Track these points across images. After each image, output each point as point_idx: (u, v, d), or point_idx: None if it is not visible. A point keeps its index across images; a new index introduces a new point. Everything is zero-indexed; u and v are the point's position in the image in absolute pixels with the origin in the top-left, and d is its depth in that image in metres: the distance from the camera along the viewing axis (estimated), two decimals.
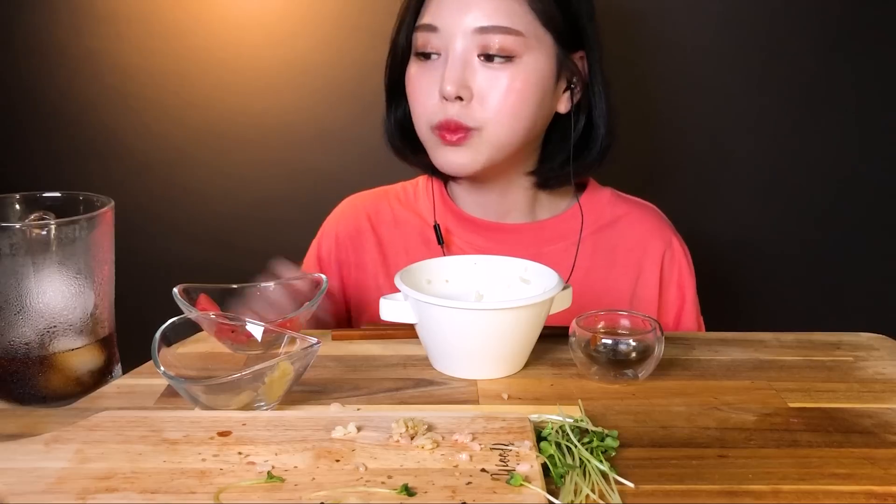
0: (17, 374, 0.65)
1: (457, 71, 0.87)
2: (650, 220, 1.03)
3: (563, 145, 0.96)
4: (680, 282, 1.01)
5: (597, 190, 1.04)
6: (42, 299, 0.64)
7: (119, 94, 1.36)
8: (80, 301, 0.67)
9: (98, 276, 0.68)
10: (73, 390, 0.68)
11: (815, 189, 1.43)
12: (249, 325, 0.72)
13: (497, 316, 0.69)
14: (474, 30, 0.87)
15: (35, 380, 0.65)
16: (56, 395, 0.66)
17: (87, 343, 0.68)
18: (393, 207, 1.04)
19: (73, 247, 0.66)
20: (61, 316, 0.66)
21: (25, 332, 0.65)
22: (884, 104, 1.39)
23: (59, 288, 0.65)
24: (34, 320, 0.64)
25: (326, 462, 0.54)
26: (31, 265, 0.64)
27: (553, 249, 0.98)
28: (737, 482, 0.55)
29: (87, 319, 0.67)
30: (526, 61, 0.88)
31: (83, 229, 0.66)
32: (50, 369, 0.66)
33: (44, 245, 0.64)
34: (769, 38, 1.36)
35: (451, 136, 0.89)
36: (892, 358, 0.78)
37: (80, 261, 0.66)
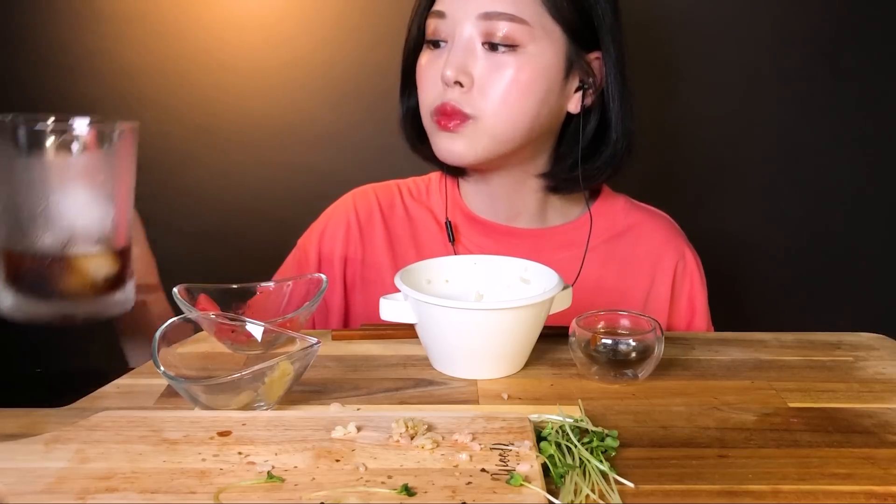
0: (37, 272, 0.66)
1: (458, 56, 0.87)
2: (664, 231, 1.02)
3: (574, 148, 0.94)
4: (691, 293, 1.00)
5: (611, 197, 1.03)
6: (65, 202, 0.66)
7: (119, 94, 1.36)
8: (101, 209, 0.68)
9: (118, 188, 0.69)
10: (87, 294, 0.68)
11: (815, 189, 1.43)
12: (249, 325, 0.72)
13: (497, 316, 0.69)
14: (479, 15, 0.86)
15: (53, 279, 0.66)
16: (71, 295, 0.67)
17: (103, 251, 0.68)
18: (405, 201, 1.03)
19: (96, 155, 0.67)
20: (81, 221, 0.67)
21: (47, 233, 0.66)
22: (885, 105, 1.40)
23: (82, 193, 0.66)
24: (56, 222, 0.66)
25: (326, 462, 0.54)
26: (56, 168, 0.65)
27: (563, 257, 0.97)
28: (737, 482, 0.55)
29: (106, 228, 0.68)
30: (531, 52, 0.87)
31: (107, 140, 0.67)
32: (67, 270, 0.67)
33: (69, 149, 0.65)
34: (775, 42, 1.36)
35: (447, 121, 0.88)
36: (892, 358, 0.78)
37: (103, 170, 0.67)
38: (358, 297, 1.00)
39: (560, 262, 0.95)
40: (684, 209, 1.10)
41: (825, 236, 1.45)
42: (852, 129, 1.40)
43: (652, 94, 1.36)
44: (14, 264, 0.66)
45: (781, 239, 1.45)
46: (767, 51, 1.37)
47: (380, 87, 1.36)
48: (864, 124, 1.40)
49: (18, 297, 0.67)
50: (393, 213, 1.02)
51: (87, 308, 0.68)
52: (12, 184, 0.65)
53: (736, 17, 1.35)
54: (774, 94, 1.39)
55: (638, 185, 1.09)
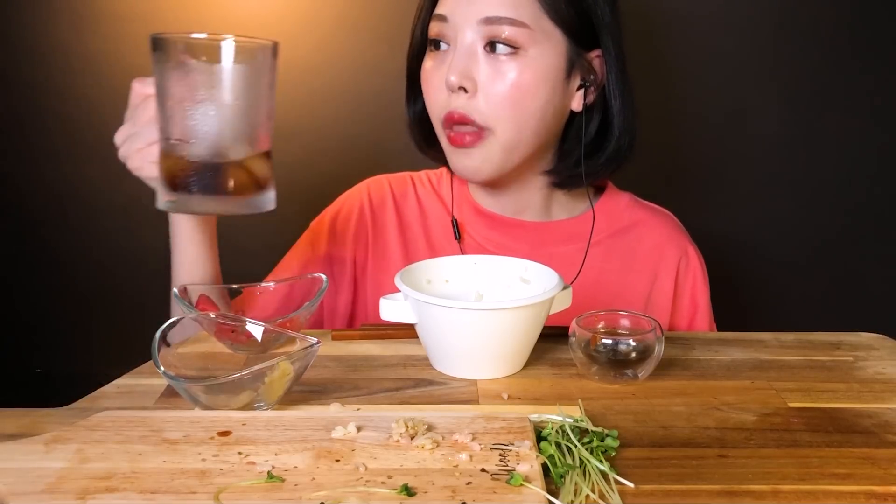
0: (195, 172, 0.70)
1: (461, 61, 0.87)
2: (667, 228, 1.03)
3: (577, 145, 0.95)
4: (694, 290, 1.01)
5: (615, 194, 1.04)
6: (221, 108, 0.70)
7: (119, 94, 1.35)
8: (251, 115, 0.72)
9: (265, 97, 0.73)
10: (242, 191, 0.72)
11: (815, 189, 1.43)
12: (249, 325, 0.72)
13: (497, 316, 0.69)
14: (480, 20, 0.87)
15: (210, 178, 0.71)
16: (228, 192, 0.71)
17: (254, 154, 0.73)
18: (418, 192, 1.05)
19: (249, 67, 0.70)
20: (235, 125, 0.71)
21: (205, 136, 0.70)
22: (886, 105, 1.40)
23: (236, 101, 0.70)
24: (212, 126, 0.70)
25: (326, 462, 0.54)
26: (214, 78, 0.69)
27: (566, 250, 0.99)
28: (737, 482, 0.55)
29: (255, 133, 0.72)
30: (532, 55, 0.87)
31: (256, 54, 0.71)
32: (223, 170, 0.71)
33: (226, 61, 0.69)
34: (779, 41, 1.36)
35: (461, 138, 0.89)
36: (892, 358, 0.78)
37: (253, 81, 0.71)
38: (369, 283, 1.01)
39: (564, 255, 0.98)
40: (685, 209, 1.10)
41: (825, 236, 1.45)
42: (853, 129, 1.40)
43: (653, 94, 1.36)
44: (175, 165, 0.71)
45: (782, 239, 1.45)
46: (769, 50, 1.37)
47: (380, 86, 1.36)
48: (866, 124, 1.40)
49: (178, 195, 0.71)
50: (406, 203, 1.04)
51: (241, 204, 0.73)
52: (174, 92, 0.69)
53: (737, 16, 1.35)
54: (775, 93, 1.39)
55: (639, 185, 1.09)
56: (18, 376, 1.44)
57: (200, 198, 0.71)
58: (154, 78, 0.71)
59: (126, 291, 1.43)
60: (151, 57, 0.71)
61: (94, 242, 1.42)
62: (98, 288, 1.44)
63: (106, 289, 1.44)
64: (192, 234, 0.87)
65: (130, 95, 0.79)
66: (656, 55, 1.36)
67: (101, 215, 1.41)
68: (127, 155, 0.80)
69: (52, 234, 1.42)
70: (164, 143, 0.71)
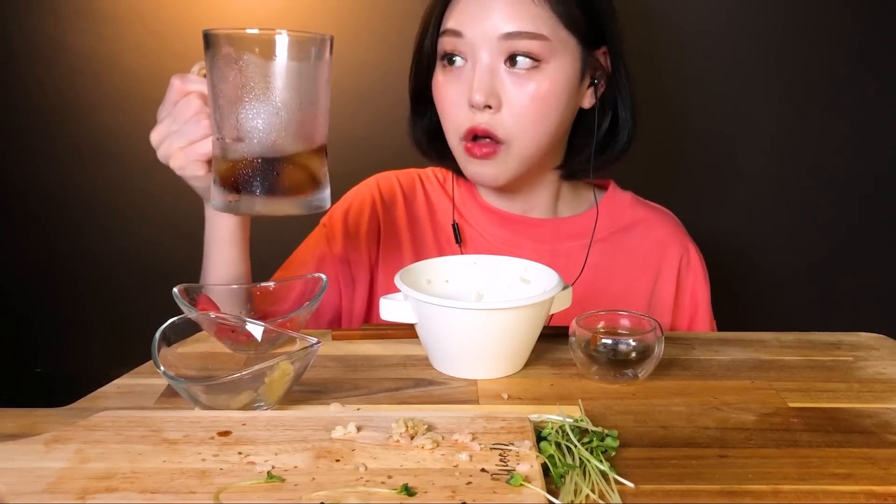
0: (253, 171, 0.70)
1: (485, 80, 0.87)
2: (668, 226, 1.04)
3: (588, 139, 0.97)
4: (695, 289, 1.02)
5: (618, 193, 1.06)
6: (278, 106, 0.69)
7: (119, 94, 1.36)
8: (309, 113, 0.72)
9: (322, 94, 0.73)
10: (312, 186, 0.73)
11: (815, 189, 1.43)
12: (249, 325, 0.72)
13: (497, 316, 0.69)
14: (500, 36, 0.87)
15: (267, 178, 0.70)
16: (303, 189, 0.72)
17: (311, 152, 0.72)
18: (426, 187, 1.05)
19: (321, 58, 0.71)
20: (293, 123, 0.70)
21: (262, 134, 0.69)
22: (885, 107, 1.39)
23: (296, 97, 0.70)
24: (269, 124, 0.69)
25: (326, 462, 0.54)
26: (298, 70, 0.69)
27: (571, 247, 1.00)
28: (737, 482, 0.55)
29: (313, 131, 0.72)
30: (552, 66, 0.88)
31: (313, 49, 0.71)
32: (280, 169, 0.70)
33: (284, 57, 0.69)
34: (780, 42, 1.36)
35: (479, 148, 0.90)
36: (892, 358, 0.78)
37: (311, 78, 0.71)
38: (380, 280, 1.02)
39: (568, 252, 0.99)
40: (686, 209, 1.10)
41: (825, 236, 1.45)
42: (853, 129, 1.40)
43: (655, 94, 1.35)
44: (235, 165, 0.70)
45: (782, 239, 1.45)
46: (772, 51, 1.36)
47: (379, 86, 1.36)
48: (867, 125, 1.40)
49: (239, 196, 0.70)
50: (414, 198, 1.05)
51: (301, 204, 0.72)
52: (234, 90, 0.68)
53: (742, 16, 1.35)
54: (776, 93, 1.39)
55: (641, 185, 1.10)
56: (18, 376, 1.44)
57: (263, 199, 0.70)
58: (208, 75, 0.70)
59: (126, 291, 1.43)
60: (206, 54, 0.70)
61: (94, 242, 1.42)
62: (98, 288, 1.44)
63: (106, 289, 1.44)
64: (232, 235, 0.86)
65: (169, 92, 0.77)
66: (659, 56, 1.36)
67: (101, 215, 1.41)
68: (169, 154, 0.77)
69: (52, 234, 1.42)
70: (222, 143, 0.70)
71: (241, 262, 0.87)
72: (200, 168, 0.76)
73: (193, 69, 0.78)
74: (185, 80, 0.76)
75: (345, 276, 1.00)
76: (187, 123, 0.75)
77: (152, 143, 0.78)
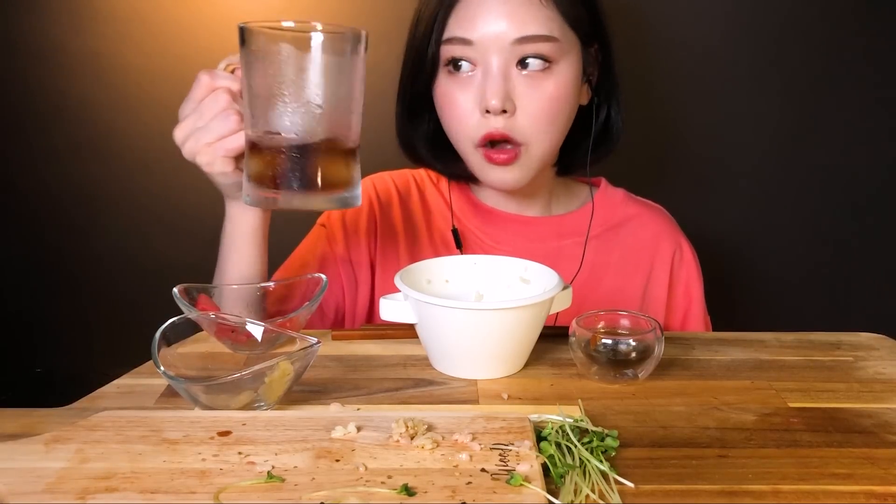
0: (288, 166, 0.70)
1: (499, 85, 0.87)
2: (661, 222, 1.05)
3: (583, 134, 0.98)
4: (688, 284, 1.02)
5: (610, 190, 1.06)
6: (315, 101, 0.69)
7: (119, 94, 1.36)
8: (345, 109, 0.71)
9: (357, 90, 0.72)
10: (347, 182, 0.73)
11: (815, 188, 1.43)
12: (249, 325, 0.72)
13: (497, 316, 0.69)
14: (513, 41, 0.87)
15: (300, 173, 0.70)
16: (339, 185, 0.72)
17: (344, 148, 0.72)
18: (421, 188, 1.06)
19: (357, 53, 0.71)
20: (351, 115, 0.71)
21: (297, 129, 0.69)
22: (884, 107, 1.39)
23: (353, 88, 0.71)
24: (339, 115, 0.71)
25: (326, 462, 0.54)
26: (336, 64, 0.70)
27: (567, 244, 1.00)
28: (737, 482, 0.55)
29: (348, 127, 0.72)
30: (562, 66, 0.89)
31: (351, 44, 0.71)
32: (315, 165, 0.71)
33: (347, 46, 0.70)
34: (773, 40, 1.36)
35: (499, 154, 0.90)
36: (892, 358, 0.78)
37: (348, 73, 0.71)
38: (377, 276, 1.02)
39: (562, 249, 1.00)
40: (685, 209, 1.10)
41: (825, 236, 1.45)
42: (854, 128, 1.40)
43: (650, 91, 1.36)
44: (272, 160, 0.69)
45: (782, 239, 1.45)
46: (767, 47, 1.36)
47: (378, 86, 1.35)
48: (867, 122, 1.40)
49: (274, 191, 0.70)
50: (410, 199, 1.05)
51: (336, 199, 0.72)
52: (271, 85, 0.68)
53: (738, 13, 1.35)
54: (774, 91, 1.38)
55: (637, 184, 1.10)
56: (18, 376, 1.44)
57: (301, 193, 0.70)
58: (243, 70, 0.69)
59: (126, 291, 1.43)
60: (241, 49, 0.69)
61: (94, 242, 1.42)
62: (98, 288, 1.44)
63: (106, 289, 1.44)
64: (255, 233, 0.85)
65: (195, 88, 0.76)
66: (654, 53, 1.36)
67: (100, 215, 1.41)
68: (196, 150, 0.76)
69: (52, 234, 1.42)
70: (259, 137, 0.69)
71: (261, 260, 0.87)
72: (228, 164, 0.75)
73: (220, 65, 0.77)
74: (214, 76, 0.75)
75: (347, 275, 1.00)
76: (215, 119, 0.74)
77: (176, 139, 0.77)
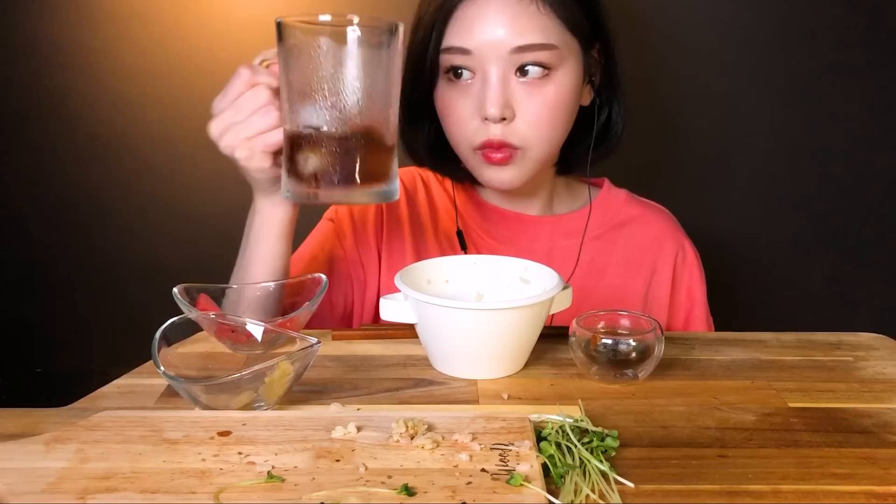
0: (329, 160, 0.70)
1: (498, 93, 0.87)
2: (663, 223, 1.05)
3: (584, 134, 0.98)
4: (691, 285, 1.02)
5: (612, 190, 1.06)
6: (387, 89, 0.71)
7: (119, 94, 1.36)
8: (384, 103, 0.72)
9: (395, 84, 0.72)
10: (387, 176, 0.73)
11: (816, 188, 1.43)
12: (249, 325, 0.72)
13: (497, 316, 0.69)
14: (511, 50, 0.87)
15: (369, 164, 0.71)
16: (379, 178, 0.72)
17: (383, 142, 0.73)
18: (428, 188, 1.06)
19: (396, 46, 0.71)
20: (389, 109, 0.72)
21: (368, 121, 0.70)
22: (884, 106, 1.39)
23: (391, 81, 0.71)
24: (379, 109, 0.71)
25: (326, 462, 0.54)
26: (375, 57, 0.70)
27: (567, 244, 1.00)
28: (737, 482, 0.55)
29: (386, 121, 0.72)
30: (561, 72, 0.89)
31: (390, 37, 0.71)
32: (379, 157, 0.72)
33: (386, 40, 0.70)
34: (775, 40, 1.36)
35: (496, 154, 0.90)
36: (892, 358, 0.78)
37: (397, 63, 0.72)
38: (383, 274, 1.02)
39: (563, 249, 1.00)
40: (684, 209, 1.10)
41: (826, 236, 1.45)
42: (853, 128, 1.40)
43: (651, 91, 1.36)
44: (313, 155, 0.70)
45: (782, 239, 1.45)
46: (768, 47, 1.36)
47: None
48: (865, 123, 1.40)
49: (312, 185, 0.70)
50: (416, 195, 1.05)
51: (377, 194, 0.73)
52: (312, 79, 0.68)
53: (737, 13, 1.35)
54: (775, 92, 1.38)
55: (638, 184, 1.10)
56: (18, 376, 1.44)
57: (342, 188, 0.70)
58: (282, 66, 0.69)
59: (126, 291, 1.43)
60: (279, 45, 0.69)
61: (94, 242, 1.42)
62: (98, 288, 1.44)
63: (106, 289, 1.44)
64: (284, 228, 0.85)
65: (233, 82, 0.75)
66: (656, 53, 1.36)
67: (100, 215, 1.41)
68: (235, 145, 0.76)
69: (52, 234, 1.42)
70: (297, 133, 0.70)
71: (287, 255, 0.87)
72: (267, 160, 0.75)
73: (255, 60, 0.77)
74: (255, 71, 0.75)
75: (356, 271, 1.00)
76: (255, 114, 0.74)
77: (212, 134, 0.77)
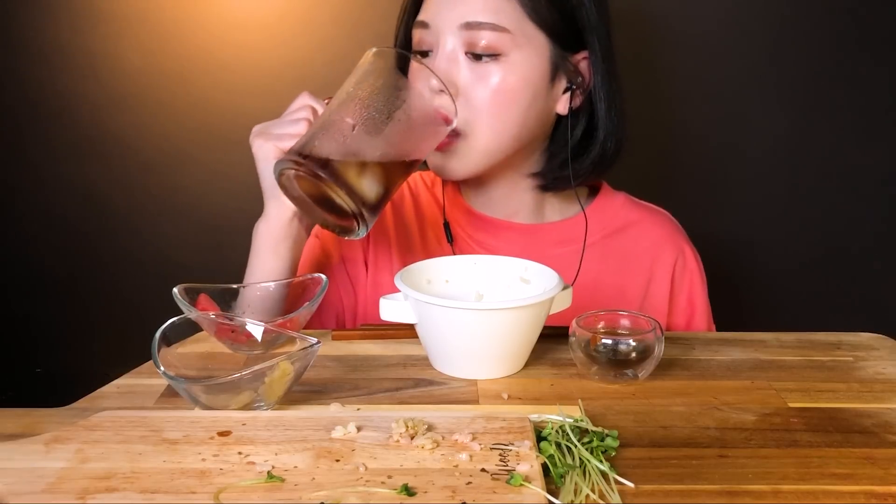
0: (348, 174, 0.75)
1: (441, 66, 0.87)
2: (663, 228, 1.02)
3: (564, 147, 0.94)
4: (691, 291, 1.00)
5: (610, 194, 1.03)
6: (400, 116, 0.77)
7: (119, 94, 1.36)
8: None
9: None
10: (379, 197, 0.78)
11: (815, 189, 1.43)
12: (249, 325, 0.72)
13: (497, 316, 0.69)
14: (461, 25, 0.86)
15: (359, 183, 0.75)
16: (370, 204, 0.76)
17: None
18: (413, 190, 1.05)
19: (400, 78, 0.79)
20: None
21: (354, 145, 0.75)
22: (887, 107, 1.40)
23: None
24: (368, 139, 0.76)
25: (326, 462, 0.54)
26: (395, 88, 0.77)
27: (561, 252, 0.98)
28: (737, 482, 0.55)
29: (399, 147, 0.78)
30: (514, 60, 0.87)
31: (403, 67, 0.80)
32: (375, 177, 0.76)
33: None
34: (777, 41, 1.36)
35: None
36: (892, 358, 0.78)
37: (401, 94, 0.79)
38: (370, 276, 1.01)
39: (558, 257, 0.96)
40: (684, 209, 1.10)
41: (825, 236, 1.45)
42: (853, 129, 1.40)
43: (652, 94, 1.36)
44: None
45: (782, 239, 1.45)
46: (769, 49, 1.36)
47: None
48: (864, 124, 1.40)
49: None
50: (402, 202, 1.04)
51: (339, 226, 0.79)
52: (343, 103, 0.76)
53: (736, 16, 1.35)
54: (774, 93, 1.39)
55: (637, 185, 1.09)
56: (18, 376, 1.44)
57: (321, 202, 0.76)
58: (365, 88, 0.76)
59: (126, 291, 1.43)
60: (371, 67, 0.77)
61: (94, 242, 1.42)
62: (98, 288, 1.44)
63: (106, 289, 1.44)
64: (299, 239, 0.88)
65: (293, 102, 0.85)
66: (654, 56, 1.36)
67: (100, 215, 1.41)
68: (257, 137, 0.84)
69: (52, 234, 1.42)
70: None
71: (291, 265, 0.89)
72: (273, 153, 0.82)
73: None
74: (312, 98, 0.84)
75: (341, 275, 1.00)
76: (287, 118, 0.83)
77: (252, 132, 0.86)
